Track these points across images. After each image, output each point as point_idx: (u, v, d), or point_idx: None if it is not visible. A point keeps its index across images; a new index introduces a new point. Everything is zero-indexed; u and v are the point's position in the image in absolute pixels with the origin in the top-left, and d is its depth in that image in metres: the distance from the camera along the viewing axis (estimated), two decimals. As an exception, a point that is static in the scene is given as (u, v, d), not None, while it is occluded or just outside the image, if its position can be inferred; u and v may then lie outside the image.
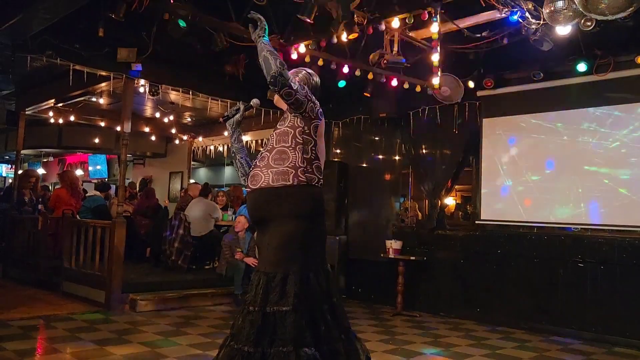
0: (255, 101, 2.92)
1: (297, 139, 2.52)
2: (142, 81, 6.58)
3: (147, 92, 6.87)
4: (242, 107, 2.84)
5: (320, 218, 2.60)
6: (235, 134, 2.83)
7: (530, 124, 6.32)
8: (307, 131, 2.55)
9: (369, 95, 6.63)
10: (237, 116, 2.82)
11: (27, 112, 8.40)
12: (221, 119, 2.87)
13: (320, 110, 2.64)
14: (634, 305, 5.24)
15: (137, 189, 11.25)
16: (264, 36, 2.53)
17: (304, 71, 2.84)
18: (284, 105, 2.70)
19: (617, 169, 5.64)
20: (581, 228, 5.83)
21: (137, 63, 6.01)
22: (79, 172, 12.92)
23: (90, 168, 14.08)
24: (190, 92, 7.05)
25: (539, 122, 6.26)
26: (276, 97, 2.77)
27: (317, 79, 2.83)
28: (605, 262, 5.46)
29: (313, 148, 2.56)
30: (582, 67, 5.76)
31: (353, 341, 2.58)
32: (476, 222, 6.69)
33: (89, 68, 6.10)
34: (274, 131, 2.64)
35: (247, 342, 2.36)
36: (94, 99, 8.33)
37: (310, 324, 2.39)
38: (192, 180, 11.06)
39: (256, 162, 2.62)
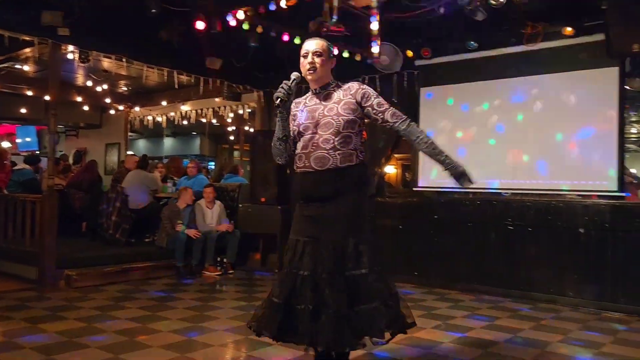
0: (295, 74, 2.90)
1: (359, 128, 2.90)
2: (70, 47, 6.23)
3: (76, 59, 6.51)
4: (292, 85, 2.86)
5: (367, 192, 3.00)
6: (290, 117, 2.95)
7: (466, 93, 6.51)
8: (362, 123, 2.92)
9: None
10: (291, 97, 2.89)
11: (-57, 80, 7.82)
12: (278, 102, 2.81)
13: None
14: (555, 264, 5.60)
15: (71, 161, 10.79)
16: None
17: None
18: (325, 80, 2.96)
19: (546, 134, 5.92)
20: (511, 193, 6.13)
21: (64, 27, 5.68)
22: (6, 145, 12.24)
23: (18, 140, 13.34)
24: (124, 60, 6.77)
25: (474, 91, 6.45)
26: (319, 71, 2.92)
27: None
28: (532, 225, 5.78)
29: (362, 135, 2.96)
30: (513, 37, 5.95)
31: None
32: (414, 189, 6.89)
33: (10, 32, 5.71)
34: (337, 115, 2.79)
35: (337, 306, 2.58)
36: (18, 66, 7.85)
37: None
38: (129, 152, 10.72)
39: (317, 143, 2.77)
